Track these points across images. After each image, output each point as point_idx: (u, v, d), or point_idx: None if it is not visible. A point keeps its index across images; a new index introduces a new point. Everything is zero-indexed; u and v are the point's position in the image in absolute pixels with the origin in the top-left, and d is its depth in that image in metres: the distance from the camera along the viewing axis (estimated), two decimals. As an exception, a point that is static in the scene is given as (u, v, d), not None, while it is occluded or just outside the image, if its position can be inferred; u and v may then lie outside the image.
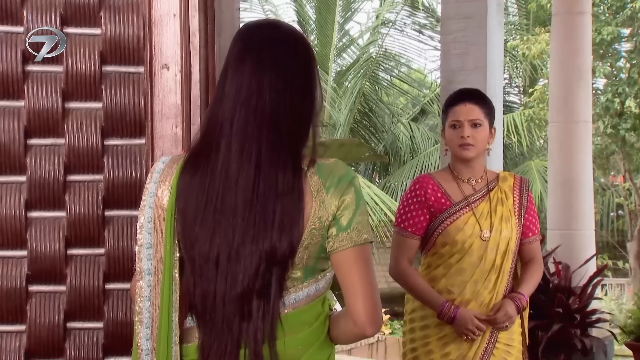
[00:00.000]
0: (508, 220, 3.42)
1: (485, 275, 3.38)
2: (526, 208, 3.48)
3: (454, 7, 7.26)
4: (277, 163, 1.89)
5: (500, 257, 3.39)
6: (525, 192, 3.49)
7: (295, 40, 1.98)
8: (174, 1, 2.56)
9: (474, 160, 3.44)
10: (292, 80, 1.93)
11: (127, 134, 2.61)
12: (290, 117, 1.91)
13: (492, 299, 3.39)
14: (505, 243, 3.39)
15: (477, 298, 3.38)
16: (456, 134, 3.40)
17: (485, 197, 3.44)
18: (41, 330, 2.59)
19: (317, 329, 1.96)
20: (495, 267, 3.38)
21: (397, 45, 17.54)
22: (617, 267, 16.61)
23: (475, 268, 3.37)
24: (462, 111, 3.41)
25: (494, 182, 3.47)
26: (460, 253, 3.38)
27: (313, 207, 1.90)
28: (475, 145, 3.39)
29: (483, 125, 3.40)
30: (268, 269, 1.87)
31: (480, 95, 3.50)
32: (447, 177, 3.48)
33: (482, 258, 3.37)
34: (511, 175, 3.53)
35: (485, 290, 3.38)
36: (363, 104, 16.31)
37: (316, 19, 17.15)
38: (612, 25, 12.78)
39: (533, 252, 3.53)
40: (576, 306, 7.29)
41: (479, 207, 3.41)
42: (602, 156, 15.23)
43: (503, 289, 3.41)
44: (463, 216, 3.40)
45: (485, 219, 3.40)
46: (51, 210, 2.60)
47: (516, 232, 3.42)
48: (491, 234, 3.38)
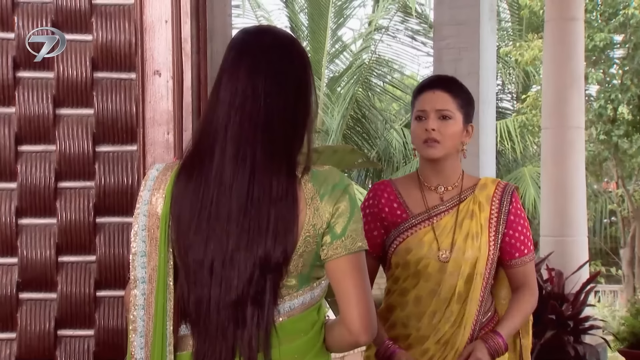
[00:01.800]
0: (476, 237, 2.74)
1: (444, 306, 2.71)
2: (508, 222, 2.78)
3: (447, 13, 7.27)
4: (271, 169, 1.88)
5: (464, 283, 2.71)
6: (506, 202, 2.79)
7: (289, 45, 1.98)
8: (166, 7, 2.56)
9: (443, 162, 2.77)
10: (287, 85, 1.93)
11: (118, 141, 2.60)
12: (285, 122, 1.91)
13: (457, 335, 2.71)
14: (470, 265, 2.71)
15: (435, 334, 2.71)
16: (420, 127, 2.74)
17: (453, 209, 2.77)
18: (32, 338, 2.57)
19: (312, 338, 1.95)
20: (457, 296, 2.71)
21: (390, 52, 17.59)
22: (610, 274, 16.66)
23: (433, 296, 2.72)
24: (428, 99, 2.75)
25: (469, 191, 2.80)
26: (415, 277, 2.73)
27: (307, 214, 1.90)
28: (442, 143, 2.72)
29: (454, 119, 2.73)
30: (262, 276, 1.87)
31: (453, 83, 2.83)
32: (411, 183, 2.84)
33: (440, 284, 2.71)
34: (494, 182, 2.84)
35: (446, 324, 2.71)
36: (356, 110, 16.32)
37: (309, 25, 17.17)
38: (604, 32, 12.83)
39: (522, 276, 2.82)
40: (569, 313, 7.30)
41: (441, 221, 2.76)
42: (595, 163, 15.28)
43: (471, 323, 2.72)
44: (419, 232, 2.75)
45: (447, 236, 2.74)
46: (42, 217, 2.58)
47: (488, 251, 2.73)
48: (451, 255, 2.71)
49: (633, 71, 13.03)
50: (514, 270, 2.82)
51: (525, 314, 2.80)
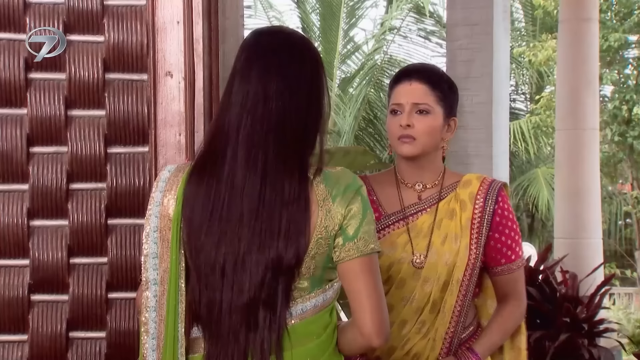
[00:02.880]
0: (455, 240, 2.45)
1: (416, 316, 2.43)
2: (493, 224, 2.48)
3: (460, 14, 7.25)
4: (283, 171, 1.88)
5: (439, 291, 2.43)
6: (492, 201, 2.48)
7: (301, 46, 1.97)
8: (178, 8, 2.55)
9: (421, 160, 2.50)
10: (299, 87, 1.92)
11: (130, 142, 2.60)
12: (297, 124, 1.90)
13: (428, 349, 2.44)
14: (447, 271, 2.43)
15: (404, 346, 2.43)
16: (395, 122, 2.47)
17: (431, 208, 2.49)
18: (43, 340, 2.57)
19: (325, 340, 1.94)
20: (432, 305, 2.43)
21: (402, 52, 17.54)
22: (625, 276, 16.56)
23: (405, 304, 2.44)
24: (404, 92, 2.47)
25: (450, 189, 2.51)
26: (387, 284, 2.41)
27: (319, 216, 1.89)
28: (418, 139, 2.45)
29: (432, 114, 2.45)
30: (274, 279, 1.86)
31: (433, 73, 2.55)
32: (387, 181, 2.57)
33: (413, 291, 2.44)
34: (479, 178, 2.53)
35: (417, 335, 2.43)
36: (368, 111, 16.30)
37: (320, 25, 17.16)
38: (619, 32, 12.78)
39: (508, 285, 2.52)
40: (584, 316, 7.25)
41: (417, 221, 2.48)
42: (610, 164, 15.22)
43: (442, 334, 2.44)
44: (392, 233, 2.48)
45: (423, 238, 2.46)
46: (54, 219, 2.59)
47: (468, 255, 2.44)
48: (427, 259, 2.44)
49: (648, 72, 12.97)
50: (499, 278, 2.52)
51: (507, 329, 2.52)
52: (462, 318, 2.47)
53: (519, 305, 2.53)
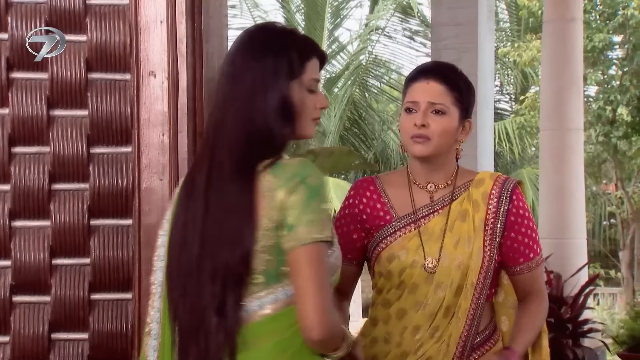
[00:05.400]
0: (468, 242, 2.40)
1: (430, 321, 2.39)
2: (508, 223, 2.43)
3: (445, 14, 7.24)
4: (229, 171, 1.91)
5: (453, 295, 2.38)
6: (506, 200, 2.43)
7: (247, 40, 2.00)
8: (161, 7, 2.54)
9: (433, 160, 2.44)
10: (242, 81, 1.93)
11: (113, 142, 2.59)
12: (239, 122, 1.92)
13: (442, 353, 2.39)
14: (460, 275, 2.38)
15: (417, 351, 2.39)
16: (409, 121, 2.41)
17: (444, 209, 2.44)
18: (25, 341, 2.56)
19: (288, 339, 1.91)
20: (445, 309, 2.39)
21: (387, 52, 17.55)
22: (609, 277, 16.63)
23: (418, 310, 2.40)
24: (421, 90, 2.42)
25: (463, 188, 2.46)
26: (400, 289, 2.41)
27: (264, 207, 1.89)
28: (432, 140, 2.39)
29: (448, 114, 2.40)
30: (222, 286, 1.89)
31: (451, 72, 2.49)
32: (399, 181, 2.50)
33: (426, 295, 2.39)
34: (492, 177, 2.47)
35: (431, 340, 2.39)
36: (353, 112, 16.29)
37: (305, 25, 17.12)
38: (603, 33, 12.80)
39: (528, 283, 2.47)
40: (568, 316, 7.27)
41: (429, 224, 2.43)
42: (594, 164, 15.27)
43: (455, 339, 2.39)
44: (404, 237, 2.42)
45: (435, 242, 2.41)
46: (36, 220, 2.58)
47: (482, 258, 2.39)
48: (439, 263, 2.39)
49: (632, 72, 13.01)
50: (519, 277, 2.47)
51: (537, 325, 2.50)
52: (476, 321, 2.42)
53: (542, 301, 2.51)
